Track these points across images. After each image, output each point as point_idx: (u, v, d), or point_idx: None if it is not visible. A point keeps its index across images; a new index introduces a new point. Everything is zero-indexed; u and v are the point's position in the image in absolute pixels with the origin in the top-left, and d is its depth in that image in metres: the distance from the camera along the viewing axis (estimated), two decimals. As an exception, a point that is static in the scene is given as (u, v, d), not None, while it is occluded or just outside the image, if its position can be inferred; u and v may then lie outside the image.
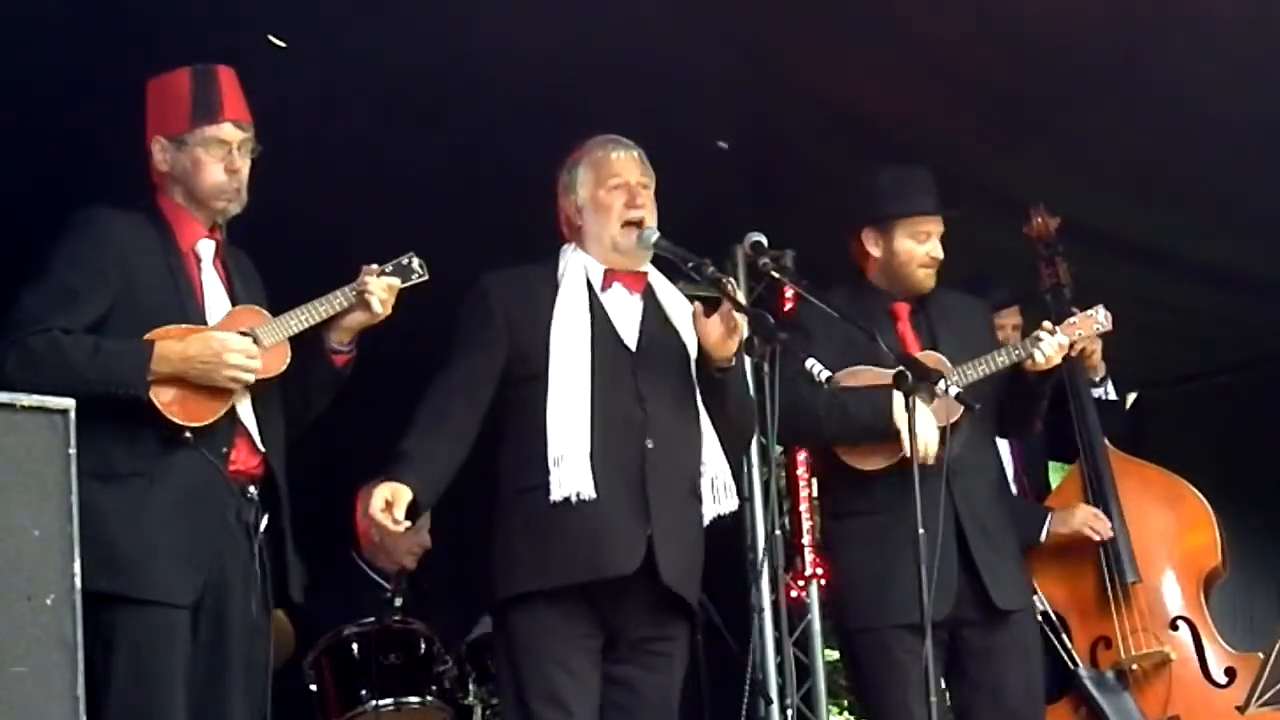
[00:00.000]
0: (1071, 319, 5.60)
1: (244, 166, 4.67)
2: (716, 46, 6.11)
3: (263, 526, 4.60)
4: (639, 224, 5.00)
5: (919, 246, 5.56)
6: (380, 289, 4.70)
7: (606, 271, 5.03)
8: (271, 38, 5.73)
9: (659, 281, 5.12)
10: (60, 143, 6.02)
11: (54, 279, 4.51)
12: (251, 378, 4.54)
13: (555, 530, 4.81)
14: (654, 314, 5.05)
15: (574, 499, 4.79)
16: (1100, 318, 5.63)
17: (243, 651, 4.57)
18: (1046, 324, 5.48)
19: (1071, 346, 5.54)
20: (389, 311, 4.72)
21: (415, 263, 4.80)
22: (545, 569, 4.82)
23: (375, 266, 4.73)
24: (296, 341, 4.66)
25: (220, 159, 4.64)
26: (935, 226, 5.58)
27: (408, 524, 4.73)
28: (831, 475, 5.63)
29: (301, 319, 4.64)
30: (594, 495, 4.79)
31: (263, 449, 4.63)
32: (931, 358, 5.39)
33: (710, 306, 5.08)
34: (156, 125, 4.68)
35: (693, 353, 4.99)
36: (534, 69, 6.06)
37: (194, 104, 4.63)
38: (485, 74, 6.06)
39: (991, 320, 5.89)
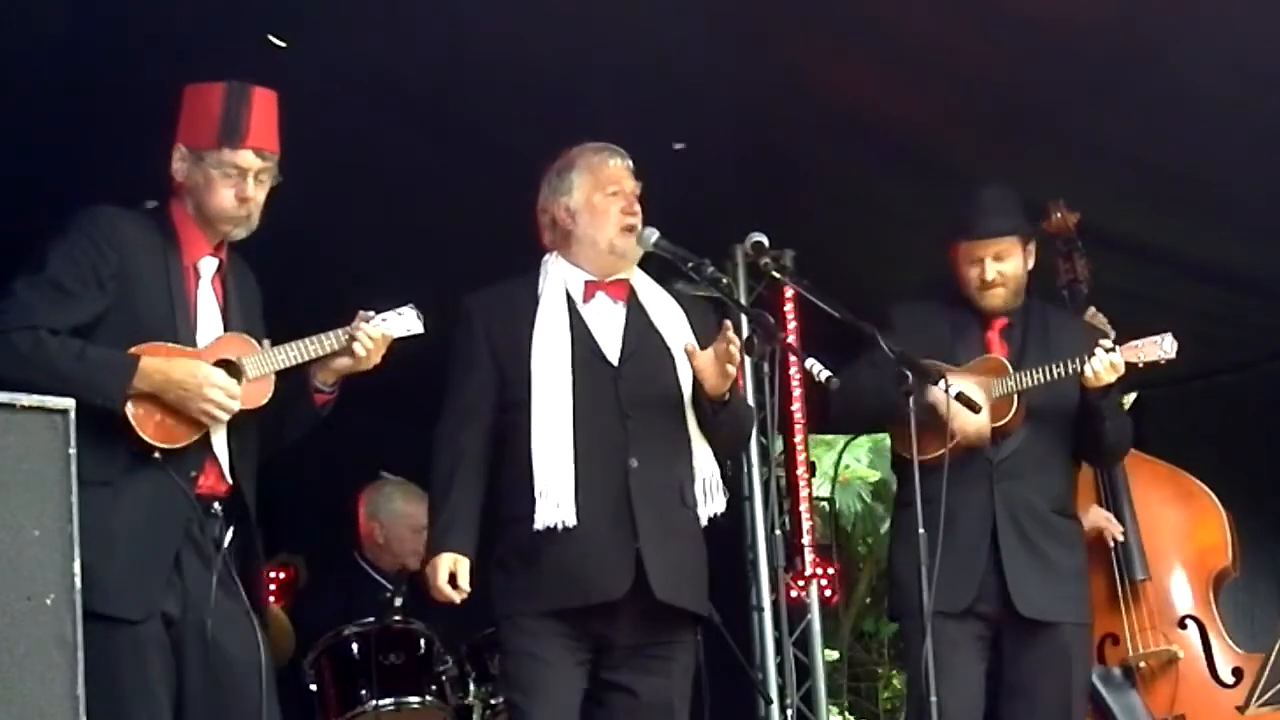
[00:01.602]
0: (1136, 342, 5.46)
1: (258, 195, 4.61)
2: (718, 46, 6.11)
3: (228, 540, 4.55)
4: (631, 230, 5.00)
5: (972, 270, 5.61)
6: (370, 338, 4.65)
7: (588, 283, 5.01)
8: (271, 38, 5.73)
9: (643, 285, 5.10)
10: (60, 141, 6.02)
11: (49, 275, 4.46)
12: (225, 417, 4.50)
13: (542, 559, 4.86)
14: (638, 320, 5.03)
15: (558, 528, 4.82)
16: (1165, 346, 5.44)
17: (238, 667, 4.52)
18: (1105, 340, 5.45)
19: (1130, 368, 5.44)
20: (378, 362, 4.68)
21: (413, 315, 4.73)
22: (534, 596, 4.87)
23: (371, 314, 4.68)
24: (281, 374, 4.62)
25: (233, 185, 4.58)
26: (987, 250, 5.60)
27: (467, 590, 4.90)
28: (895, 466, 5.80)
29: (290, 355, 4.60)
30: (575, 523, 4.82)
31: (230, 481, 4.60)
32: (993, 361, 5.51)
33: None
34: (182, 133, 4.63)
35: (679, 356, 4.98)
36: (534, 69, 6.06)
37: (221, 124, 4.56)
38: (485, 74, 6.06)
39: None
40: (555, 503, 4.82)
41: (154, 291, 4.55)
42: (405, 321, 4.73)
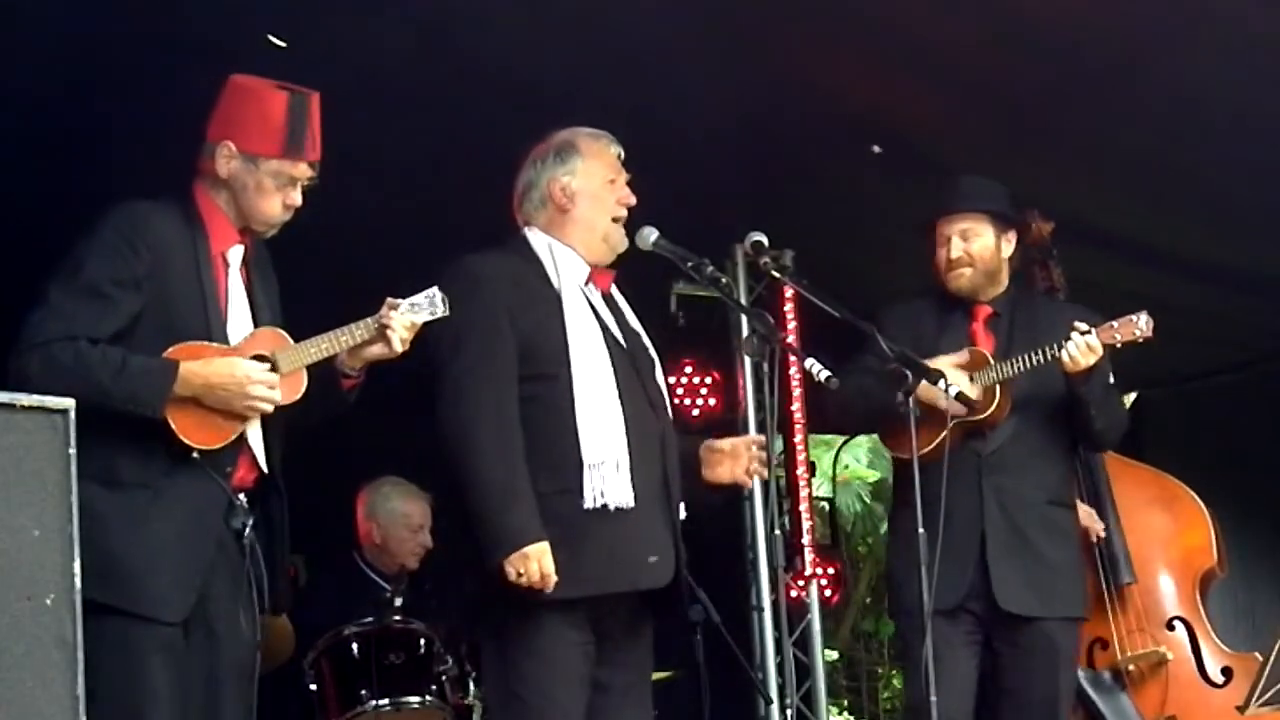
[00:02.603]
0: (1112, 323, 5.44)
1: (299, 200, 4.64)
2: (717, 45, 6.11)
3: (249, 530, 4.55)
4: (619, 220, 4.97)
5: (940, 250, 5.66)
6: (402, 327, 4.63)
7: (591, 267, 4.95)
8: (271, 38, 5.73)
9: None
10: (60, 140, 6.02)
11: (86, 281, 4.43)
12: (270, 408, 4.52)
13: (589, 538, 4.69)
14: (621, 315, 5.00)
15: (612, 508, 4.70)
16: (1141, 324, 5.43)
17: (233, 660, 4.54)
18: (1080, 324, 5.43)
19: (1109, 349, 5.43)
20: (407, 348, 4.67)
21: (438, 297, 4.69)
22: (575, 578, 4.67)
23: (399, 301, 4.66)
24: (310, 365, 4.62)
25: (283, 194, 4.60)
26: (952, 227, 5.65)
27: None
28: (893, 467, 5.82)
29: (321, 347, 4.59)
30: (632, 504, 4.72)
31: (265, 470, 4.61)
32: (975, 354, 5.54)
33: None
34: (232, 130, 4.59)
35: (655, 357, 4.98)
36: (534, 68, 6.06)
37: (285, 136, 4.56)
38: (485, 73, 6.06)
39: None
40: (611, 479, 4.69)
41: (187, 287, 4.54)
42: (432, 305, 4.70)
